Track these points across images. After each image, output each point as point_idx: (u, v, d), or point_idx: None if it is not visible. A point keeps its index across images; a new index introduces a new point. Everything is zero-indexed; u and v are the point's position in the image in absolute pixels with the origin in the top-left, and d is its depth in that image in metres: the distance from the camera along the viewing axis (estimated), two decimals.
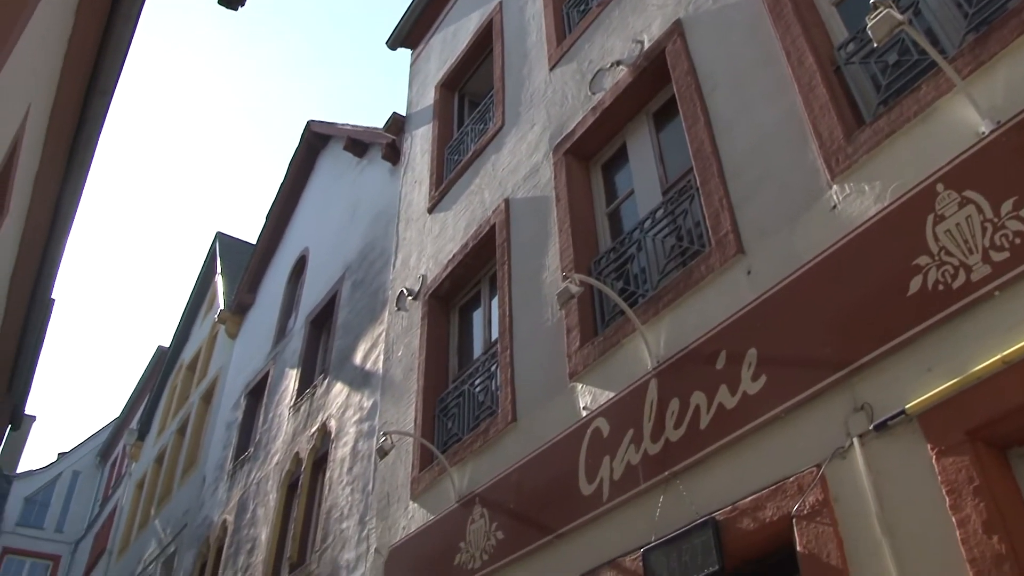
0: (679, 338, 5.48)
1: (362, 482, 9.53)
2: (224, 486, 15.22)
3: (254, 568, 12.02)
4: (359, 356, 11.10)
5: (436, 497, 7.78)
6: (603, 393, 6.03)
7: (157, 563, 17.94)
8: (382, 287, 11.25)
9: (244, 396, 16.14)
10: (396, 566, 7.94)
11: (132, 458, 25.48)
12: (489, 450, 7.23)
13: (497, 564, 6.48)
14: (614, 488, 5.54)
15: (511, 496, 6.63)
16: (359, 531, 9.15)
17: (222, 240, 23.21)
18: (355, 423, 10.37)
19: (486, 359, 8.19)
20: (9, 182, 7.13)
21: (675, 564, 4.78)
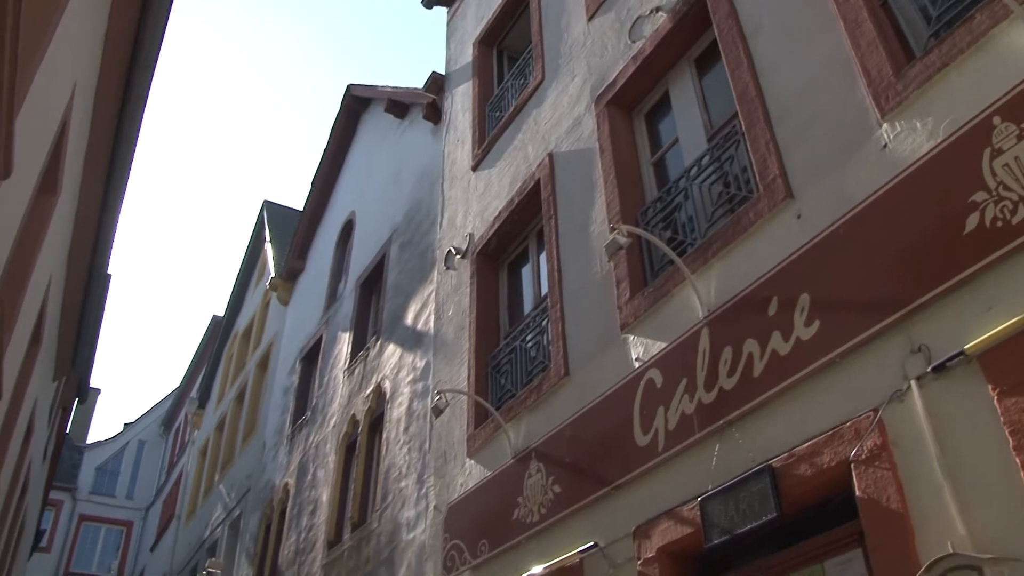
0: (730, 286, 5.44)
1: (418, 441, 9.66)
2: (284, 450, 15.52)
3: (317, 528, 12.27)
4: (410, 317, 11.19)
5: (492, 453, 7.86)
6: (655, 344, 6.02)
7: (224, 526, 18.41)
8: (430, 247, 11.29)
9: (299, 361, 16.38)
10: (455, 522, 8.05)
11: (194, 426, 26.07)
12: (543, 405, 7.27)
13: (555, 517, 6.54)
14: (669, 438, 5.54)
15: (567, 450, 6.67)
16: (418, 489, 9.28)
17: (269, 208, 23.42)
18: (409, 383, 10.48)
19: (536, 314, 8.20)
20: (60, 162, 7.24)
21: (732, 512, 4.79)
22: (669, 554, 5.36)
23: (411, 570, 8.88)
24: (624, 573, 5.68)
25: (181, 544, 23.03)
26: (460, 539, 7.85)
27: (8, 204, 5.43)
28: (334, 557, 11.21)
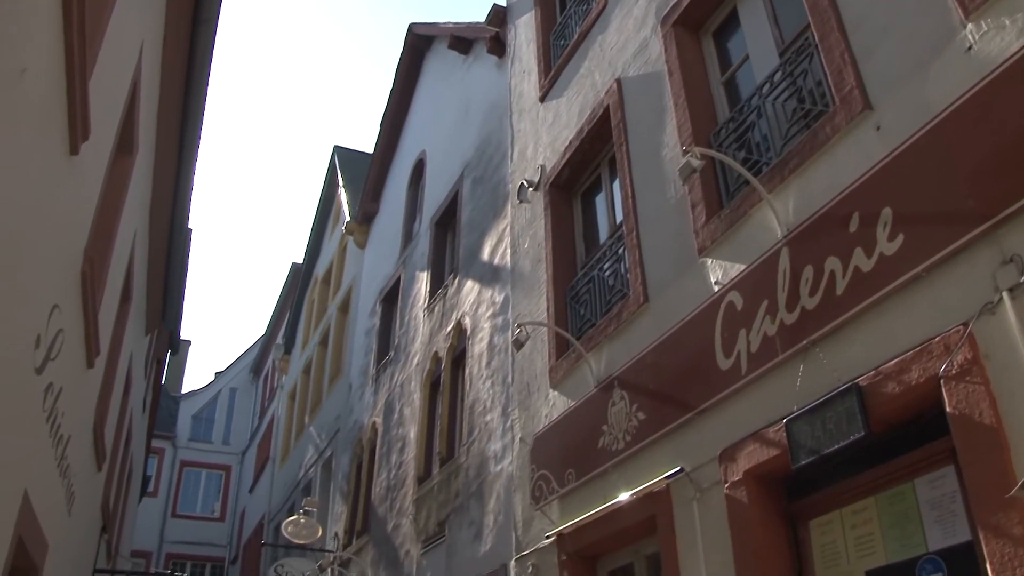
0: (808, 204, 5.31)
1: (501, 375, 9.76)
2: (370, 390, 15.85)
3: (406, 465, 12.57)
4: (486, 252, 11.23)
5: (575, 383, 7.90)
6: (734, 266, 5.94)
7: (317, 467, 18.98)
8: (502, 181, 11.26)
9: (379, 303, 16.62)
10: (541, 453, 8.16)
11: (281, 371, 26.77)
12: (623, 333, 7.27)
13: (641, 444, 6.58)
14: (752, 361, 5.49)
15: (649, 377, 6.67)
16: (503, 422, 9.41)
17: (340, 153, 23.59)
18: (489, 318, 10.57)
19: (613, 243, 8.16)
20: (134, 121, 7.38)
21: (819, 432, 4.75)
22: (755, 476, 5.35)
23: (500, 501, 9.06)
24: (711, 497, 5.70)
25: (277, 485, 23.85)
26: (547, 469, 7.96)
27: (89, 165, 5.57)
28: (425, 492, 11.49)
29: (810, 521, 5.17)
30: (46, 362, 5.13)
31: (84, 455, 8.24)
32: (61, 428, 6.25)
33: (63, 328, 5.48)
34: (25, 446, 5.05)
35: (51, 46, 3.89)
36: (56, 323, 5.22)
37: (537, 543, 7.93)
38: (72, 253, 5.51)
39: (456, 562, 9.93)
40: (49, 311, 5.00)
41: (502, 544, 8.80)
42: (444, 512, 10.60)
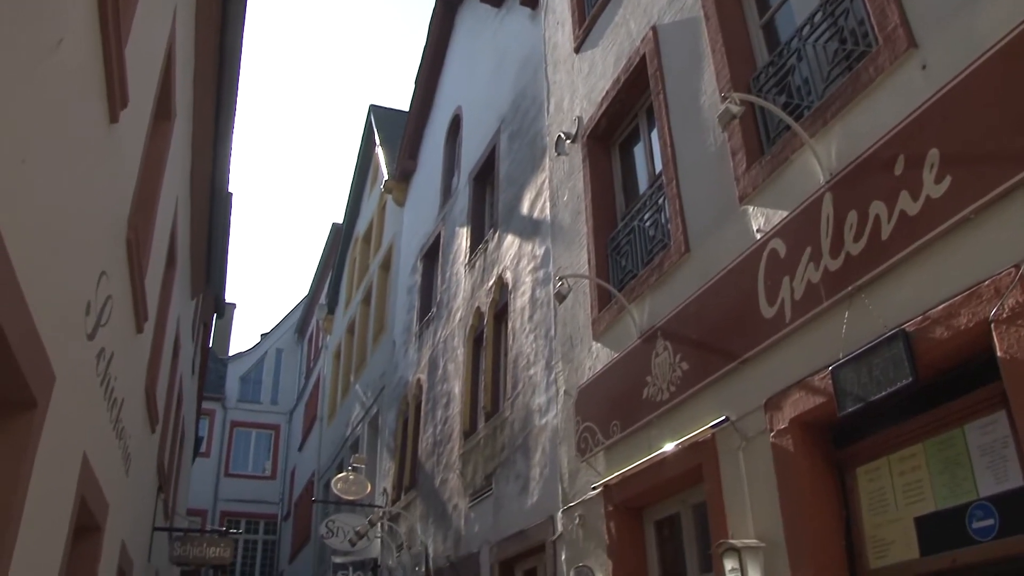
0: (851, 147, 5.20)
1: (544, 328, 9.77)
2: (413, 347, 15.98)
3: (452, 420, 12.69)
4: (525, 206, 11.19)
5: (618, 335, 7.90)
6: (776, 213, 5.86)
7: (364, 424, 19.24)
8: (539, 134, 11.19)
9: (420, 260, 16.68)
10: (586, 405, 8.18)
11: (326, 331, 27.06)
12: (665, 283, 7.23)
13: (685, 394, 6.57)
14: (796, 308, 5.44)
15: (692, 326, 6.64)
16: (546, 376, 9.44)
17: (376, 112, 23.56)
18: (530, 272, 10.56)
19: (652, 193, 8.09)
20: (171, 87, 7.41)
21: (865, 379, 4.70)
22: (801, 424, 5.33)
23: (545, 454, 9.12)
24: (756, 446, 5.69)
25: (325, 443, 24.24)
26: (592, 421, 7.99)
27: (129, 133, 5.61)
28: (471, 446, 11.60)
29: (857, 468, 5.14)
30: (97, 328, 5.22)
31: (138, 418, 8.43)
32: (115, 392, 6.38)
33: (112, 295, 5.57)
34: (82, 410, 5.17)
35: (86, 15, 3.90)
36: (104, 290, 5.31)
37: (583, 495, 7.99)
38: (117, 221, 5.58)
39: (503, 515, 10.05)
40: (97, 278, 5.08)
41: (549, 496, 8.88)
42: (490, 466, 10.71)
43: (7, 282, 3.16)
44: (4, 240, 3.04)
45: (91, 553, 6.72)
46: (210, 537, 16.56)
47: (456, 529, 11.67)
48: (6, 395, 3.67)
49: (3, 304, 3.11)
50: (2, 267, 3.08)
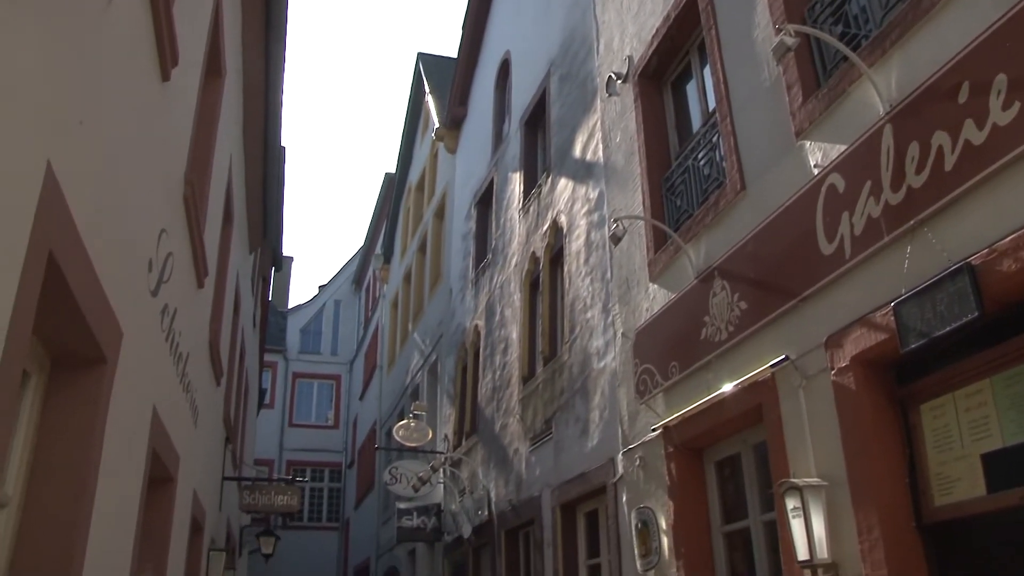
0: (912, 76, 5.04)
1: (600, 271, 9.74)
2: (470, 294, 16.05)
3: (510, 365, 12.76)
4: (578, 149, 11.10)
5: (674, 276, 7.84)
6: (833, 147, 5.73)
7: (423, 371, 19.46)
8: (589, 76, 11.04)
9: (473, 206, 16.68)
10: (644, 347, 8.17)
11: (382, 281, 27.29)
12: (721, 222, 7.14)
13: (743, 334, 6.52)
14: (856, 244, 5.34)
15: (749, 265, 6.57)
16: (604, 319, 9.44)
17: (424, 60, 23.43)
18: (584, 215, 10.51)
19: (706, 131, 7.95)
20: (219, 43, 7.44)
21: (929, 315, 4.60)
22: (863, 362, 5.26)
23: (604, 397, 9.15)
24: (817, 384, 5.64)
25: (386, 391, 24.59)
26: (650, 363, 7.98)
27: (181, 91, 5.66)
28: (530, 391, 11.68)
29: (921, 405, 5.06)
30: (159, 285, 5.32)
31: (203, 371, 8.62)
32: (179, 347, 6.53)
33: (172, 251, 5.67)
34: (149, 365, 5.30)
35: None
36: (165, 247, 5.40)
37: (643, 436, 8.01)
38: (173, 179, 5.66)
39: (564, 458, 10.14)
40: (157, 236, 5.17)
41: (609, 439, 8.93)
42: (550, 410, 10.78)
43: (73, 243, 3.23)
44: (67, 202, 3.10)
45: (165, 502, 6.94)
46: (277, 486, 17.01)
47: (517, 473, 11.80)
48: (78, 352, 3.78)
49: (70, 265, 3.18)
50: (67, 229, 3.14)
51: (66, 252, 3.13)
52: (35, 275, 2.84)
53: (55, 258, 2.99)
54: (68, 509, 3.66)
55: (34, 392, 3.66)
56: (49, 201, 2.89)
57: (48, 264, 2.95)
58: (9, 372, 2.69)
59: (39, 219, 2.80)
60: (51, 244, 2.94)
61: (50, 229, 2.92)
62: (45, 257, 2.91)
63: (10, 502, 3.47)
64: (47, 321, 3.35)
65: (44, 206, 2.84)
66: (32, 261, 2.78)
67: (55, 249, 2.98)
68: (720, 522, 7.23)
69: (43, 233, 2.84)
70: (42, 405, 3.72)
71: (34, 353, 3.54)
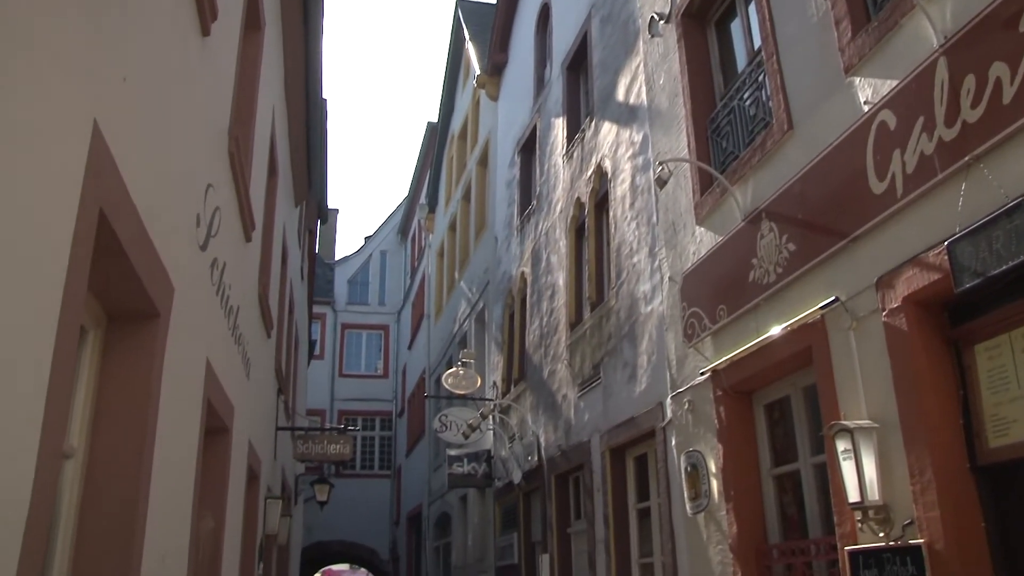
0: (968, 5, 4.87)
1: (646, 215, 9.67)
2: (515, 241, 16.04)
3: (557, 311, 12.78)
4: (621, 92, 10.96)
5: (721, 218, 7.75)
6: (884, 83, 5.58)
7: (470, 319, 19.55)
8: (631, 17, 10.85)
9: (517, 153, 16.58)
10: (691, 290, 8.12)
11: (427, 230, 27.36)
12: (768, 163, 7.03)
13: (792, 275, 6.44)
14: (908, 182, 5.22)
15: (798, 206, 6.47)
16: (650, 263, 9.38)
17: (463, 6, 23.20)
18: (629, 159, 10.40)
19: (752, 70, 7.80)
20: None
21: (985, 253, 4.50)
22: (915, 303, 5.17)
23: (652, 341, 9.13)
24: (868, 326, 5.57)
25: (434, 340, 24.78)
26: (698, 306, 7.93)
27: (221, 45, 5.66)
28: (577, 336, 11.70)
29: (975, 346, 4.98)
30: (208, 239, 5.39)
31: (253, 324, 8.75)
32: (230, 300, 6.62)
33: (219, 206, 5.72)
34: (201, 318, 5.38)
35: None
36: (212, 202, 5.45)
37: (692, 380, 8.00)
38: (218, 133, 5.69)
39: (613, 403, 10.17)
40: (204, 191, 5.21)
41: (657, 383, 8.93)
42: (598, 355, 10.79)
43: (122, 200, 3.27)
44: (115, 160, 3.14)
45: (222, 452, 7.10)
46: (330, 435, 17.29)
47: (566, 419, 11.88)
48: (131, 307, 3.85)
49: (121, 221, 3.23)
50: (116, 187, 3.18)
51: (116, 209, 3.17)
52: (87, 233, 2.88)
53: (106, 215, 3.03)
54: (130, 459, 3.76)
55: (92, 348, 3.74)
56: (97, 159, 2.92)
57: (99, 221, 3.00)
58: (67, 328, 2.75)
59: (88, 178, 2.83)
60: (101, 202, 2.98)
61: (99, 187, 2.95)
62: (96, 215, 2.95)
63: (75, 453, 3.58)
64: (101, 278, 3.41)
65: (92, 165, 2.87)
66: (84, 219, 2.82)
67: (105, 207, 3.02)
68: (770, 465, 7.23)
69: (93, 191, 2.88)
70: (100, 360, 3.81)
71: (90, 309, 3.62)
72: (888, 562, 5.13)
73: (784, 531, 7.02)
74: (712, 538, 7.52)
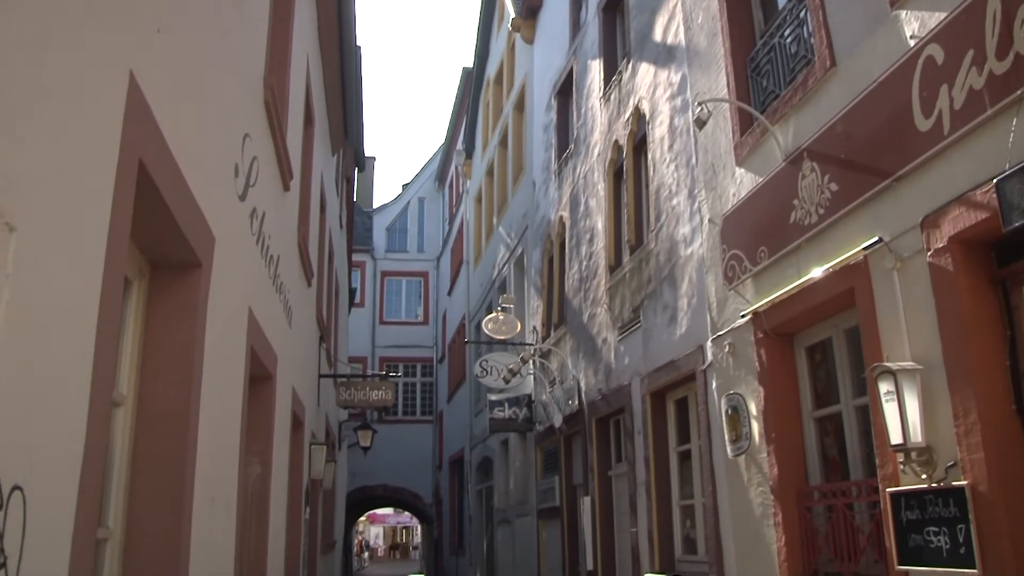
0: None
1: (684, 157, 9.56)
2: (553, 185, 15.95)
3: (596, 255, 12.73)
4: (658, 32, 10.77)
5: (761, 159, 7.64)
6: (932, 15, 5.42)
7: (509, 265, 19.55)
8: None
9: (553, 97, 16.42)
10: (731, 232, 8.04)
11: (465, 176, 27.28)
12: (810, 102, 6.89)
13: (835, 216, 6.35)
14: (956, 118, 5.09)
15: (840, 145, 6.34)
16: (689, 205, 9.29)
17: None
18: (667, 100, 10.26)
19: (792, 6, 7.61)
20: None
21: None
22: (961, 242, 5.08)
23: (692, 284, 9.08)
24: (912, 266, 5.48)
25: (473, 286, 24.85)
26: (738, 248, 7.86)
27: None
28: (617, 280, 11.66)
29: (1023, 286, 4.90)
30: (247, 189, 5.41)
31: (294, 273, 8.82)
32: (270, 249, 6.67)
33: (256, 155, 5.74)
34: (242, 268, 5.43)
35: None
36: (249, 151, 5.47)
37: (732, 323, 7.96)
38: (253, 82, 5.68)
39: (653, 346, 10.16)
40: (241, 140, 5.23)
41: (697, 326, 8.90)
42: (637, 298, 10.76)
43: (161, 151, 3.29)
44: (152, 110, 3.15)
45: (266, 399, 7.22)
46: (372, 381, 17.51)
47: (606, 362, 11.90)
48: (174, 258, 3.89)
49: (160, 172, 3.25)
50: (154, 137, 3.19)
51: (155, 160, 3.19)
52: (128, 184, 2.91)
53: (145, 166, 3.05)
54: (178, 407, 3.84)
55: (137, 298, 3.80)
56: (135, 111, 2.93)
57: (139, 172, 3.02)
58: (112, 279, 2.78)
59: (127, 129, 2.85)
60: (140, 153, 3.00)
61: (138, 138, 2.97)
62: (136, 166, 2.98)
63: (125, 401, 3.65)
64: (143, 229, 3.45)
65: (130, 116, 2.88)
66: (124, 170, 2.84)
67: (144, 157, 3.04)
68: (811, 407, 7.20)
69: (132, 142, 2.89)
70: (145, 310, 3.86)
71: (133, 260, 3.66)
72: (930, 504, 5.11)
73: (825, 473, 7.02)
74: (753, 480, 7.54)
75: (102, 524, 3.45)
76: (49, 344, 2.33)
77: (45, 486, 2.32)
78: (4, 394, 2.05)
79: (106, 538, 3.50)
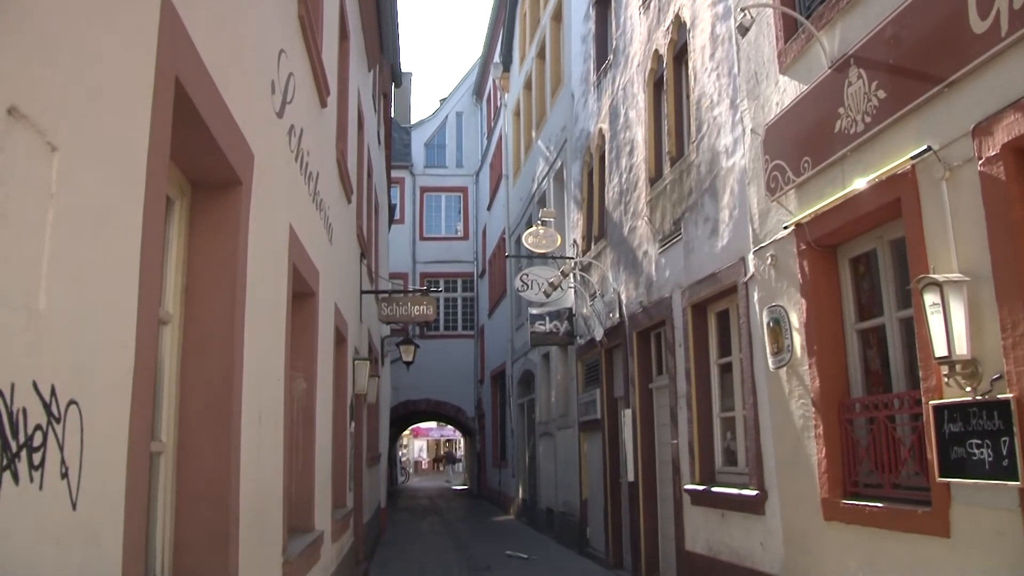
0: None
1: (726, 66, 9.34)
2: (592, 97, 15.71)
3: (636, 167, 12.59)
4: None
5: (806, 66, 7.44)
6: None
7: (549, 178, 19.43)
8: None
9: (592, 6, 16.06)
10: (774, 143, 7.89)
11: (503, 89, 26.94)
12: (858, 5, 6.65)
13: (882, 124, 6.18)
14: (1015, 18, 4.88)
15: (889, 51, 6.15)
16: (731, 115, 9.12)
17: None
18: (708, 6, 9.98)
19: None
20: None
21: None
22: (1015, 150, 4.92)
23: (734, 196, 8.97)
24: (962, 176, 5.34)
25: (513, 200, 24.77)
26: (781, 159, 7.72)
27: None
28: (657, 192, 11.55)
29: None
30: (284, 106, 5.39)
31: (333, 189, 8.83)
32: (309, 166, 6.67)
33: (292, 72, 5.70)
34: (282, 184, 5.45)
35: None
36: (285, 68, 5.43)
37: (775, 235, 7.86)
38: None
39: (694, 258, 10.10)
40: (277, 57, 5.19)
41: (739, 238, 8.81)
42: (678, 211, 10.66)
43: (197, 68, 3.27)
44: (186, 27, 3.12)
45: (310, 315, 7.31)
46: (413, 296, 17.63)
47: (647, 275, 11.87)
48: (214, 176, 3.91)
49: (197, 90, 3.23)
50: (189, 54, 3.17)
51: (192, 77, 3.18)
52: (166, 102, 2.90)
53: (182, 84, 3.04)
54: (223, 323, 3.90)
55: (179, 217, 3.83)
56: (169, 28, 2.91)
57: (176, 90, 3.01)
58: (154, 197, 2.80)
59: (162, 46, 2.83)
60: (176, 70, 2.98)
61: (174, 56, 2.95)
62: (173, 84, 2.97)
63: (171, 319, 3.71)
64: (182, 148, 3.46)
65: (165, 33, 2.86)
66: (161, 88, 2.83)
67: (181, 75, 3.03)
68: (854, 319, 7.14)
69: (168, 60, 2.88)
70: (187, 229, 3.90)
71: (174, 179, 3.68)
72: (974, 416, 5.08)
73: (867, 386, 6.99)
74: (794, 392, 7.54)
75: (155, 438, 3.55)
76: (95, 263, 2.36)
77: (99, 401, 2.38)
78: (55, 311, 2.08)
79: (160, 451, 3.61)
